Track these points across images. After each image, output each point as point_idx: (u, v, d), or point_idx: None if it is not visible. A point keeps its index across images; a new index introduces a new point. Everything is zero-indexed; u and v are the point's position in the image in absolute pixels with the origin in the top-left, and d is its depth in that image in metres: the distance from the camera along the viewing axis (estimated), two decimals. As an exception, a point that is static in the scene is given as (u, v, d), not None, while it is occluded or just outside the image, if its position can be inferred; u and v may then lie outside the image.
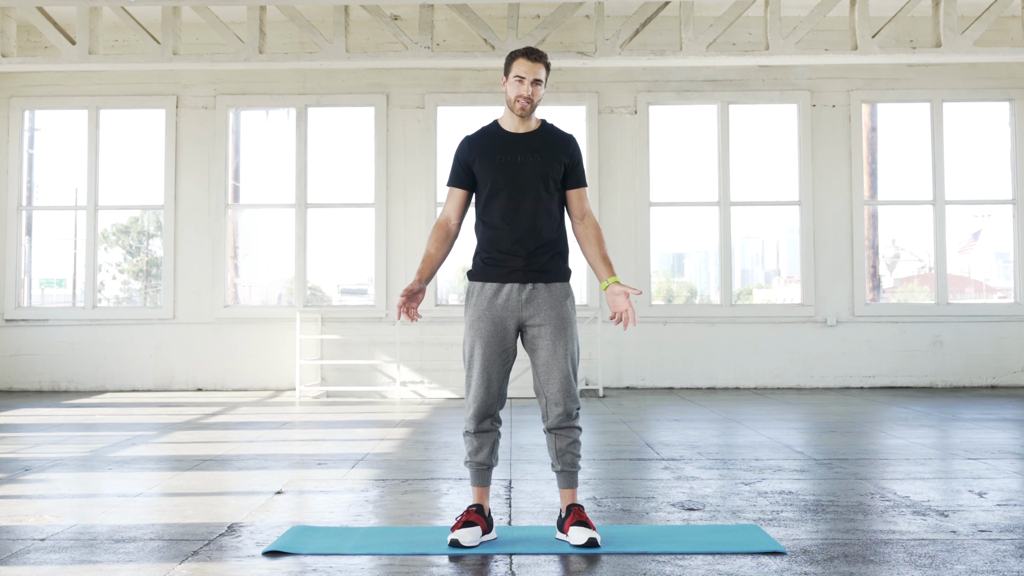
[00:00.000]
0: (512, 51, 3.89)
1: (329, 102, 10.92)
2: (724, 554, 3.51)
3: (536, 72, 3.77)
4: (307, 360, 10.35)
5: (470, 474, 3.80)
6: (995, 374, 10.64)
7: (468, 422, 3.76)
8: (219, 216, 10.84)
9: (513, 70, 3.79)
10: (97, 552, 3.58)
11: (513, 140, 3.81)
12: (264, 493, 4.74)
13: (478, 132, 3.89)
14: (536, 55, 3.78)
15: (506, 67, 3.83)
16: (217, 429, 7.42)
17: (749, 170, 11.02)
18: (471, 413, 3.73)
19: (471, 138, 3.87)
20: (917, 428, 7.17)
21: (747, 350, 10.61)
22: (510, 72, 3.80)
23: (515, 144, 3.80)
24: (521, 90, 3.76)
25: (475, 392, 3.71)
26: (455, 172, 3.85)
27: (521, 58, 3.80)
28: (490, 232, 3.76)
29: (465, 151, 3.84)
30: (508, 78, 3.81)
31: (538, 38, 8.89)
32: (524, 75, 3.76)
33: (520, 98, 3.77)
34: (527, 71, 3.76)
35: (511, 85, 3.79)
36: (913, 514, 4.16)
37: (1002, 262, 11.62)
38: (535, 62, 3.77)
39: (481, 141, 3.83)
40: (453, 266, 11.60)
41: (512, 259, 3.71)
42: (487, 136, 3.84)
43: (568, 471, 3.73)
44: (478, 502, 3.75)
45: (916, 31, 10.49)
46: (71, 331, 10.81)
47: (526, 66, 3.77)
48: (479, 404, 3.71)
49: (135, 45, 10.57)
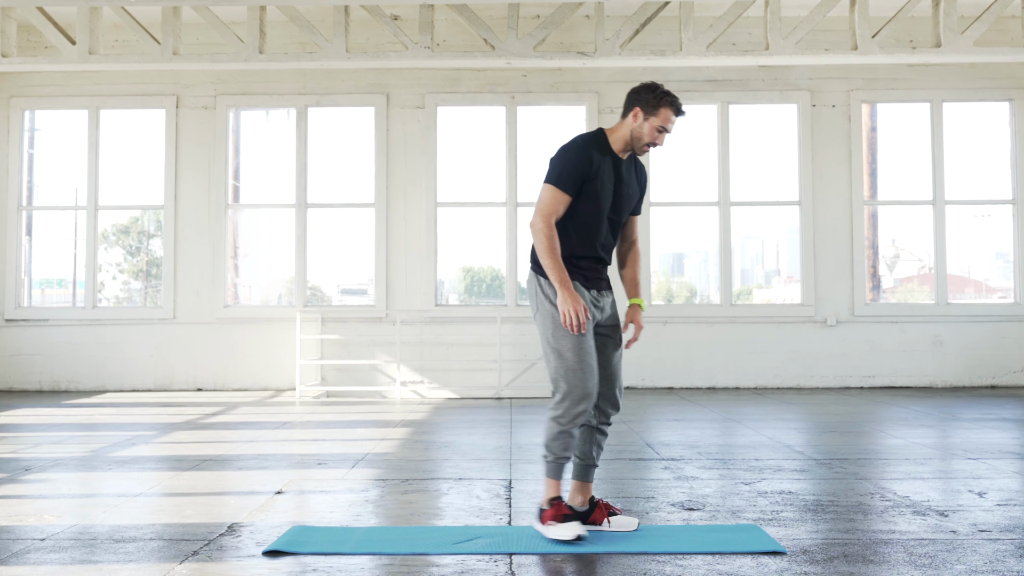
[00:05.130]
0: (658, 91, 3.81)
1: (329, 102, 10.92)
2: (724, 554, 3.51)
3: (674, 126, 3.85)
4: (307, 360, 10.35)
5: (558, 469, 3.75)
6: (995, 374, 10.65)
7: (569, 416, 3.69)
8: (219, 216, 10.84)
9: (659, 117, 3.79)
10: (97, 552, 3.58)
11: (621, 166, 3.88)
12: (264, 493, 4.74)
13: (597, 147, 3.81)
14: (683, 111, 3.82)
15: (647, 104, 3.80)
16: (217, 429, 7.42)
17: (749, 170, 11.02)
18: (575, 402, 3.68)
19: (592, 154, 3.78)
20: (917, 428, 7.17)
21: (747, 350, 10.61)
22: (652, 116, 3.79)
23: (623, 171, 3.89)
24: (657, 140, 3.83)
25: (583, 380, 3.69)
26: (572, 180, 3.75)
27: (670, 110, 3.80)
28: (578, 239, 3.81)
29: (587, 165, 3.76)
30: (645, 117, 3.80)
31: (538, 38, 8.89)
32: (667, 128, 3.81)
33: (651, 145, 3.84)
34: (671, 124, 3.82)
35: (648, 129, 3.80)
36: (913, 514, 4.16)
37: (1002, 262, 11.63)
38: (679, 115, 3.82)
39: (601, 161, 3.80)
40: (453, 266, 11.61)
41: (594, 268, 3.86)
42: (605, 154, 3.82)
43: (597, 466, 3.96)
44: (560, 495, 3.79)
45: (916, 31, 10.49)
46: (71, 331, 10.81)
47: (672, 120, 3.81)
48: (587, 391, 3.69)
49: (135, 45, 10.57)
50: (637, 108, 3.82)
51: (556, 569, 3.34)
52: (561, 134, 11.18)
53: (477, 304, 11.43)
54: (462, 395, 10.32)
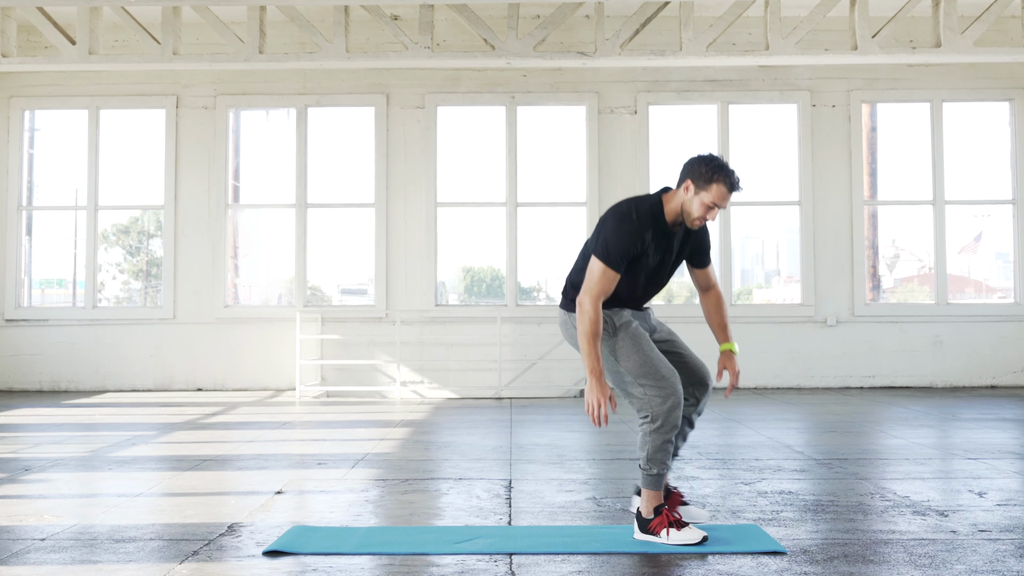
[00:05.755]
0: (713, 164, 3.63)
1: (329, 102, 10.92)
2: (724, 554, 3.51)
3: (728, 202, 3.68)
4: (307, 360, 10.35)
5: (660, 481, 3.68)
6: (995, 374, 10.64)
7: (669, 424, 3.62)
8: (219, 216, 10.84)
9: (711, 192, 3.61)
10: (97, 552, 3.58)
11: (673, 238, 3.77)
12: (264, 493, 4.74)
13: (652, 222, 3.68)
14: (738, 187, 3.64)
15: (699, 178, 3.62)
16: (217, 429, 7.42)
17: (749, 170, 11.01)
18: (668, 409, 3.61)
19: (644, 234, 3.66)
20: (917, 428, 7.17)
21: (747, 350, 10.60)
22: (705, 190, 3.61)
23: (674, 242, 3.79)
24: (708, 216, 3.66)
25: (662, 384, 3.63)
26: (622, 257, 3.64)
27: (724, 186, 3.61)
28: (612, 298, 3.73)
29: (638, 245, 3.65)
30: (697, 191, 3.63)
31: (538, 38, 8.89)
32: (719, 204, 3.63)
33: (702, 220, 3.68)
34: (724, 201, 3.63)
35: (700, 204, 3.63)
36: (913, 514, 4.16)
37: (1002, 262, 11.63)
38: (734, 191, 3.64)
39: (653, 237, 3.69)
40: (453, 265, 11.60)
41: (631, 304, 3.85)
42: (657, 226, 3.70)
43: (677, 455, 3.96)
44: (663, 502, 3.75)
45: (916, 31, 10.49)
46: (71, 331, 10.81)
47: (726, 197, 3.62)
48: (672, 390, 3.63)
49: (135, 45, 10.57)
50: (689, 180, 3.65)
51: (556, 569, 3.34)
52: (561, 134, 11.19)
53: (477, 304, 11.43)
54: (462, 395, 10.32)
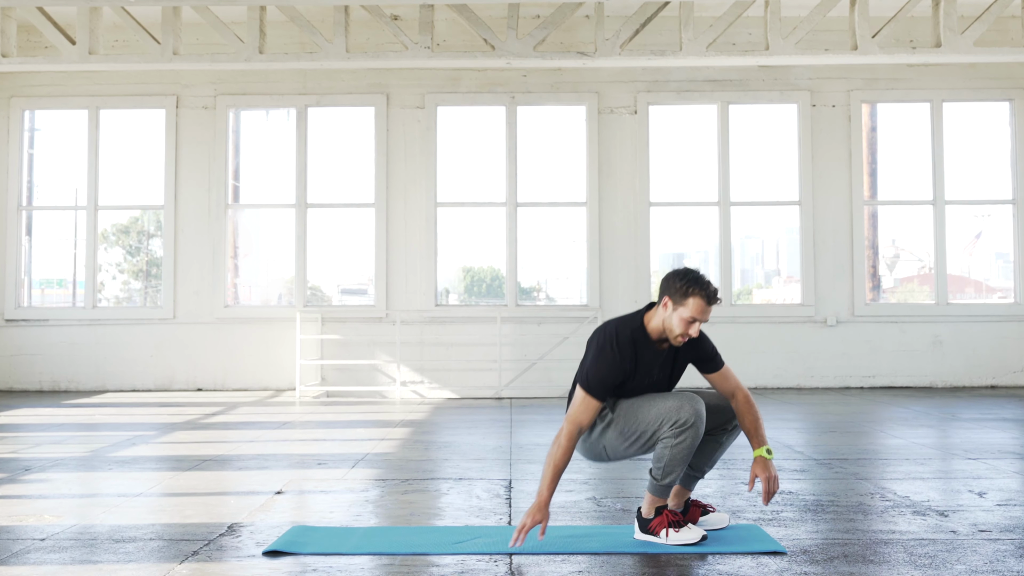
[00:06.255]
0: (688, 278, 3.60)
1: (329, 102, 10.92)
2: (724, 554, 3.51)
3: (709, 315, 3.60)
4: (307, 360, 10.35)
5: (667, 490, 3.68)
6: (995, 374, 10.64)
7: (686, 441, 3.58)
8: (219, 216, 10.84)
9: (688, 307, 3.56)
10: (97, 552, 3.58)
11: (658, 355, 3.69)
12: (264, 493, 4.74)
13: (632, 348, 3.63)
14: (716, 299, 3.57)
15: (675, 294, 3.58)
16: (217, 429, 7.42)
17: (749, 170, 11.02)
18: (688, 422, 3.56)
19: (626, 364, 3.60)
20: (917, 428, 7.17)
21: (747, 350, 10.60)
22: (682, 305, 3.57)
23: (659, 359, 3.70)
24: (690, 331, 3.59)
25: (679, 403, 3.58)
26: (605, 387, 3.57)
27: (701, 299, 3.56)
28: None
29: (619, 372, 3.59)
30: (676, 308, 3.58)
31: (538, 38, 8.89)
32: (699, 318, 3.57)
33: (684, 336, 3.60)
34: (703, 314, 3.57)
35: (680, 320, 3.57)
36: (913, 514, 4.16)
37: (1002, 262, 11.63)
38: (712, 304, 3.57)
39: (638, 361, 3.63)
40: (453, 265, 11.60)
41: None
42: (640, 350, 3.65)
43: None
44: (666, 503, 3.73)
45: (916, 31, 10.49)
46: (71, 331, 10.81)
47: (705, 310, 3.56)
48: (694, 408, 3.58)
49: (135, 45, 10.56)
50: (666, 297, 3.61)
51: (556, 569, 3.34)
52: (561, 134, 11.19)
53: (477, 304, 11.43)
54: (462, 395, 10.32)
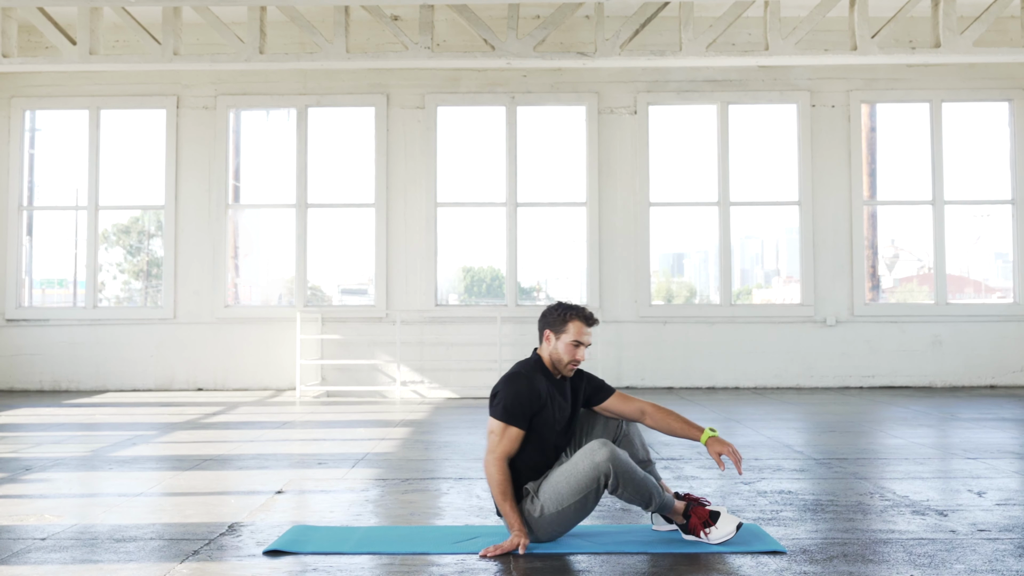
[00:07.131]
0: (560, 308, 3.78)
1: (329, 102, 10.93)
2: (724, 554, 3.52)
3: (590, 336, 3.75)
4: (307, 360, 10.36)
5: (669, 503, 3.71)
6: (994, 374, 10.65)
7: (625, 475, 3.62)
8: (219, 216, 10.85)
9: (569, 332, 3.72)
10: (98, 551, 3.59)
11: (559, 388, 3.79)
12: (264, 493, 4.74)
13: (541, 372, 3.75)
14: (593, 319, 3.74)
15: (555, 324, 3.74)
16: (217, 429, 7.43)
17: (749, 170, 11.03)
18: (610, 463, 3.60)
19: (538, 390, 3.69)
20: (916, 428, 7.18)
21: (747, 350, 10.61)
22: (563, 333, 3.72)
23: (562, 388, 3.80)
24: (577, 355, 3.73)
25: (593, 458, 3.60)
26: (522, 416, 3.64)
27: (580, 322, 3.73)
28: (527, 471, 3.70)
29: (531, 401, 3.66)
30: (559, 337, 3.73)
31: (538, 38, 8.89)
32: (581, 340, 3.72)
33: (573, 362, 3.73)
34: (585, 336, 3.72)
35: (565, 347, 3.72)
36: (912, 514, 4.17)
37: (1001, 262, 11.63)
38: (591, 325, 3.73)
39: (544, 394, 3.71)
40: (453, 265, 11.61)
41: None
42: (548, 377, 3.76)
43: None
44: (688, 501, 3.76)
45: (915, 31, 10.50)
46: (72, 331, 10.81)
47: (585, 332, 3.72)
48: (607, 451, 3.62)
49: (135, 45, 10.57)
50: (547, 331, 3.77)
51: (556, 568, 3.34)
52: (561, 134, 11.20)
53: (477, 304, 11.44)
54: (462, 395, 10.33)
